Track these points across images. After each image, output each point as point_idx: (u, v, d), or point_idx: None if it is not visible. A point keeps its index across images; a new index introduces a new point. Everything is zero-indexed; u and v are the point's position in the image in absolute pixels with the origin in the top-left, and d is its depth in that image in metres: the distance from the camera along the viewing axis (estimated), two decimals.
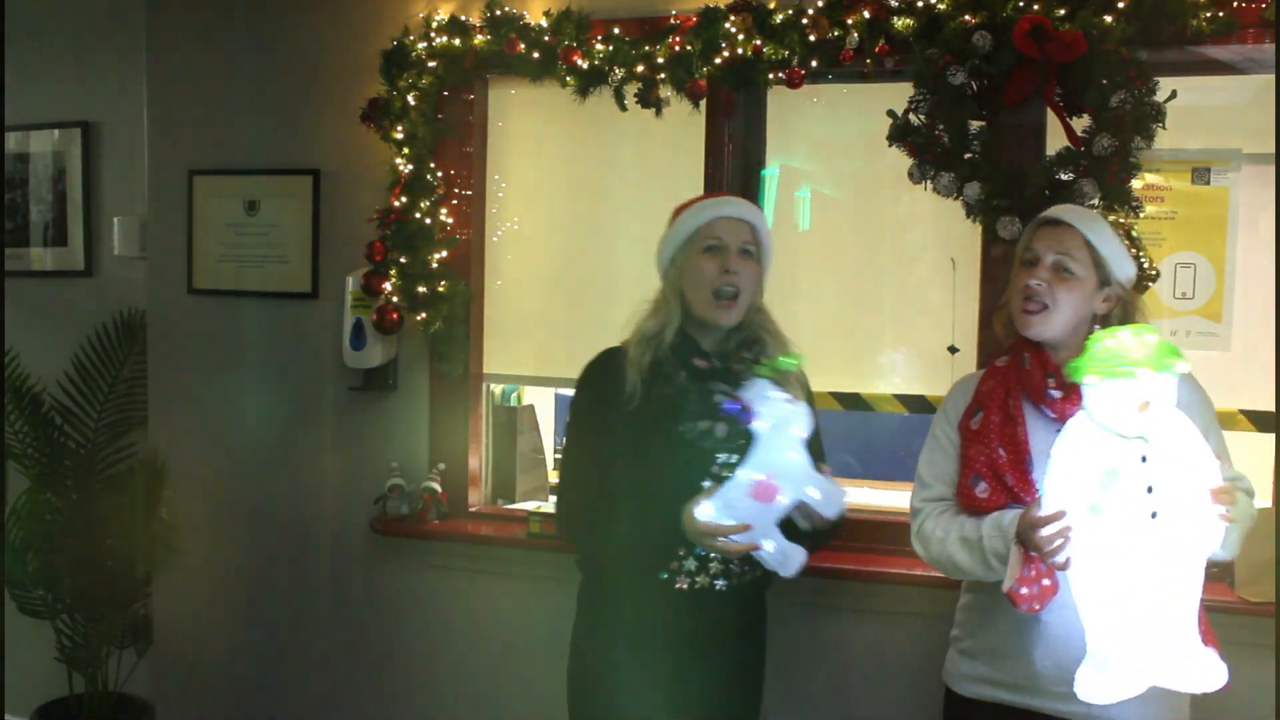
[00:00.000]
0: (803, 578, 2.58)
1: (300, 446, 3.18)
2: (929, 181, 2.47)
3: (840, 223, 2.89)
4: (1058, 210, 1.95)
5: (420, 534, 2.96)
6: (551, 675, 2.22)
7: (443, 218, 2.93)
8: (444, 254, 2.93)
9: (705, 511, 1.86)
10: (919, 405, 2.72)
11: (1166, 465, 1.63)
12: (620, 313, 2.17)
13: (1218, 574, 2.47)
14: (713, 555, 2.01)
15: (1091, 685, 1.68)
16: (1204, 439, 1.70)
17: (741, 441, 1.94)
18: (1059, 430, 1.87)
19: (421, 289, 2.89)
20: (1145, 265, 1.95)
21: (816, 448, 2.04)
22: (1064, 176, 2.38)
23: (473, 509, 3.06)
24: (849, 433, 3.30)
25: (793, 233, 2.91)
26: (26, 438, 3.36)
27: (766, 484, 1.84)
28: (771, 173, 2.86)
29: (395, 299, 2.91)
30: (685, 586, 2.01)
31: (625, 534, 1.99)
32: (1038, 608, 1.71)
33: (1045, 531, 1.66)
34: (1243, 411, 2.53)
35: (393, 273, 2.90)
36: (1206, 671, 1.67)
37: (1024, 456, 1.87)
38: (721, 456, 2.00)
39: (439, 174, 2.93)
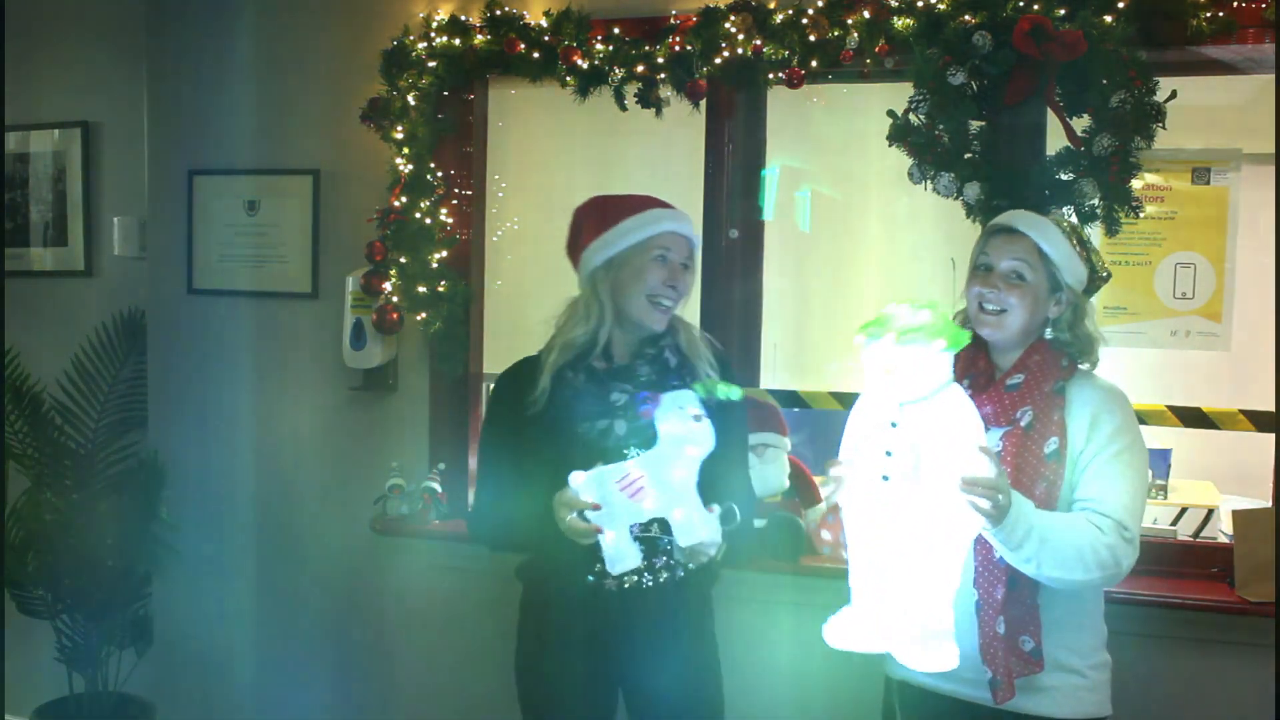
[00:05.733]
0: (803, 578, 2.61)
1: (300, 446, 3.18)
2: (929, 181, 2.47)
3: (840, 223, 2.90)
4: (1010, 218, 1.97)
5: (420, 534, 2.96)
6: None
7: (443, 218, 2.93)
8: (444, 254, 2.93)
9: (577, 480, 1.86)
10: None
11: (914, 436, 1.63)
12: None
13: (1218, 574, 2.48)
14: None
15: (838, 630, 1.70)
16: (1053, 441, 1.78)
17: (646, 437, 1.96)
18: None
19: (421, 289, 2.89)
20: (1097, 268, 1.97)
21: (736, 478, 2.08)
22: (1064, 176, 2.38)
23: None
24: None
25: (793, 233, 2.91)
26: (26, 438, 3.36)
27: (633, 480, 1.85)
28: (771, 173, 2.86)
29: (395, 299, 2.91)
30: (614, 587, 2.01)
31: (533, 536, 1.99)
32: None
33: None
34: (1243, 412, 2.53)
35: (393, 273, 2.90)
36: (935, 657, 1.65)
37: None
38: (630, 453, 1.99)
39: (439, 174, 2.93)
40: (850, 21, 2.53)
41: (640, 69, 2.68)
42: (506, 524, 2.07)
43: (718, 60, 2.63)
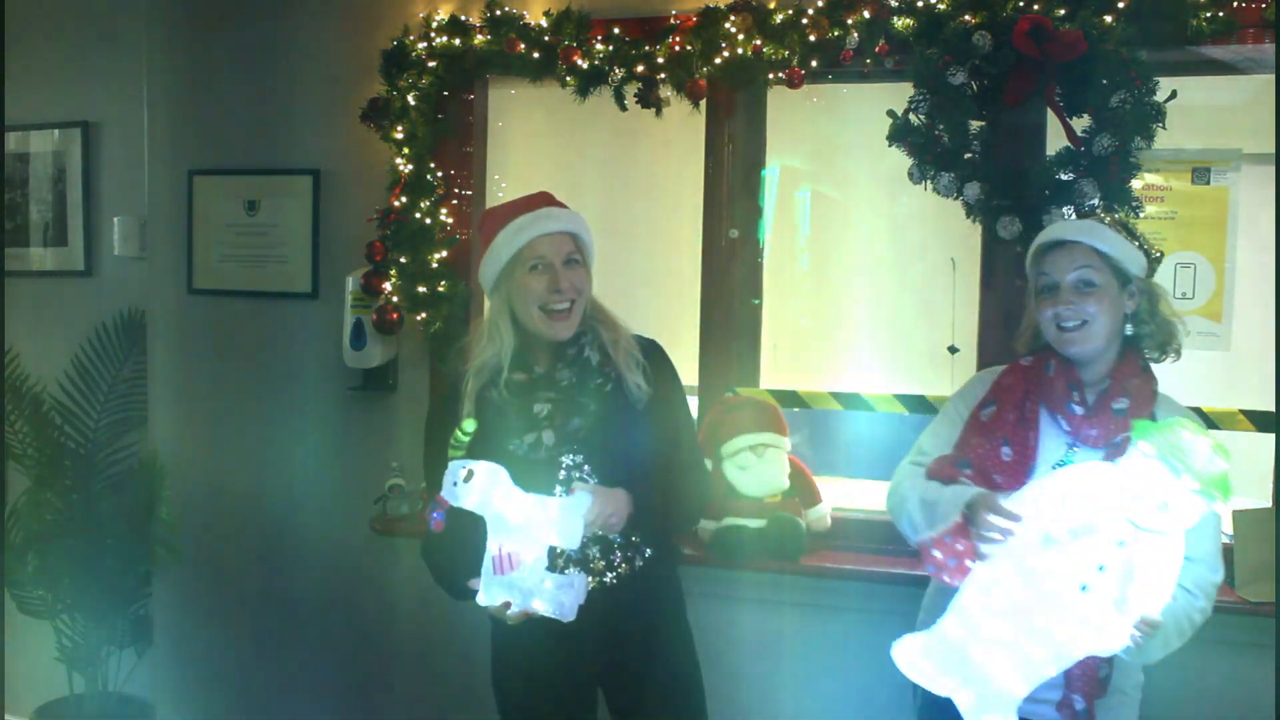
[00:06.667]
0: (803, 578, 2.61)
1: (300, 446, 3.17)
2: (929, 181, 2.47)
3: (840, 223, 2.90)
4: (1057, 231, 1.94)
5: (420, 534, 2.95)
6: None
7: (443, 218, 2.93)
8: (444, 254, 2.93)
9: (481, 601, 1.85)
10: (919, 405, 2.72)
11: (1129, 564, 1.61)
12: (619, 311, 2.16)
13: None
14: (592, 555, 2.00)
15: (910, 652, 1.69)
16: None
17: (580, 439, 1.97)
18: (1069, 444, 1.88)
19: (421, 289, 2.89)
20: (1150, 251, 1.97)
21: (670, 431, 2.06)
22: (1064, 176, 2.38)
23: None
24: (849, 433, 3.30)
25: (793, 233, 2.91)
26: (26, 438, 3.36)
27: (501, 557, 1.83)
28: (771, 173, 2.86)
29: (395, 299, 2.91)
30: None
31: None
32: (945, 579, 1.73)
33: (993, 518, 1.67)
34: (1243, 412, 2.53)
35: (393, 273, 2.90)
36: None
37: (1030, 460, 1.86)
38: (566, 460, 1.99)
39: (439, 174, 2.93)
40: (850, 21, 2.53)
41: (640, 69, 2.68)
42: (452, 555, 1.98)
43: (718, 60, 2.62)
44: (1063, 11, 2.36)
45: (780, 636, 2.71)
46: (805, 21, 2.55)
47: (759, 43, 2.59)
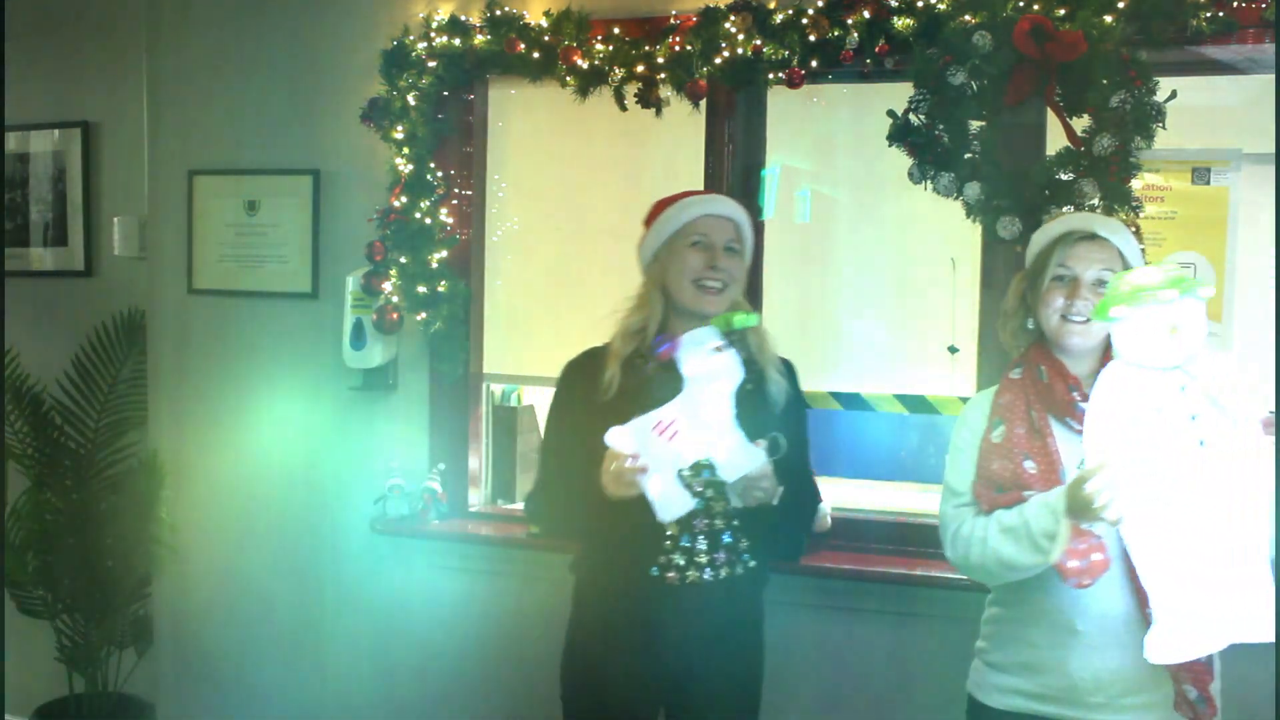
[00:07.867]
0: (803, 578, 2.61)
1: (300, 446, 3.17)
2: (929, 181, 2.46)
3: (840, 223, 2.90)
4: (1087, 223, 1.91)
5: (420, 534, 2.96)
6: (550, 674, 2.23)
7: (443, 218, 2.93)
8: (444, 254, 2.93)
9: (612, 435, 1.86)
10: (919, 405, 2.72)
11: (1207, 393, 1.56)
12: (618, 311, 2.16)
13: None
14: (699, 548, 2.03)
15: (1162, 646, 1.61)
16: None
17: None
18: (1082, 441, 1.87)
19: (421, 289, 2.89)
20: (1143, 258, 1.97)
21: (795, 436, 2.07)
22: (1064, 176, 2.38)
23: (473, 509, 3.06)
24: (849, 433, 3.30)
25: (793, 232, 2.91)
26: (26, 438, 3.36)
27: (668, 424, 1.84)
28: (771, 172, 2.86)
29: (395, 299, 2.91)
30: (676, 580, 2.02)
31: (597, 525, 2.00)
32: (1087, 582, 1.67)
33: (1091, 487, 1.60)
34: None
35: (393, 273, 2.90)
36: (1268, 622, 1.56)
37: (1056, 468, 1.83)
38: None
39: (439, 174, 2.93)
40: (850, 21, 2.53)
41: (640, 69, 2.67)
42: (569, 510, 2.08)
43: (718, 60, 2.62)
44: (1063, 11, 2.36)
45: (779, 636, 2.70)
46: (805, 21, 2.55)
47: (759, 43, 2.59)
